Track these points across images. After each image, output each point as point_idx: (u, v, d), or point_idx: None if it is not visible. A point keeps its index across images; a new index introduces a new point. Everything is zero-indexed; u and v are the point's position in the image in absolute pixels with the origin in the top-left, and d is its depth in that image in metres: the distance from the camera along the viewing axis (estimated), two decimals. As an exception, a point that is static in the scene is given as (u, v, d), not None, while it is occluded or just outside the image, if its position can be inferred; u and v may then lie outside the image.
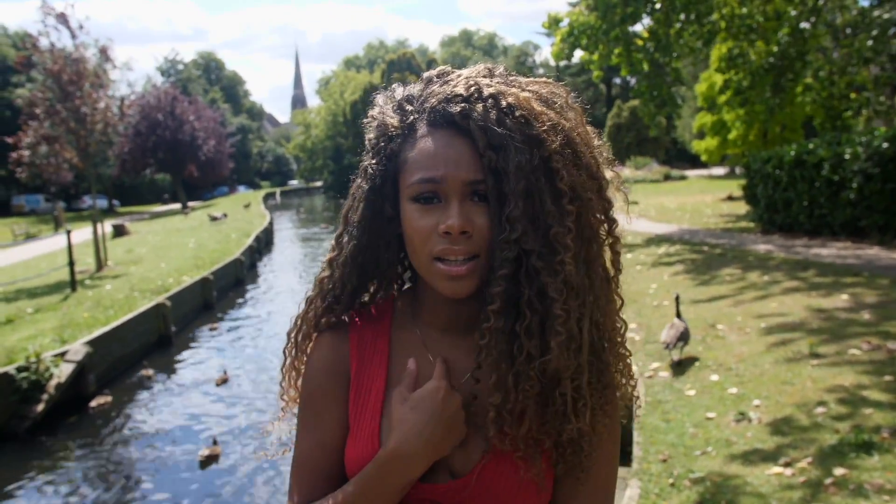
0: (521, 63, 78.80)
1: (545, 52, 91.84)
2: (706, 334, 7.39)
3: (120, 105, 17.09)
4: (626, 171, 41.96)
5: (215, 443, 7.29)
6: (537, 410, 1.05)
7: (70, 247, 13.83)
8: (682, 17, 17.42)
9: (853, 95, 17.39)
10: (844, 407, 4.99)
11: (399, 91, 1.17)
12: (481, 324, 1.04)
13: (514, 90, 1.08)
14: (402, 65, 61.99)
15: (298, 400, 1.23)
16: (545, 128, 1.04)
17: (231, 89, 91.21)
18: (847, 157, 12.29)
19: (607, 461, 1.15)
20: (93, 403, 9.04)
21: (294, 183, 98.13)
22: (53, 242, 20.40)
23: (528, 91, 1.10)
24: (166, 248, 20.99)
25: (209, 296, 15.20)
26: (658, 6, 17.00)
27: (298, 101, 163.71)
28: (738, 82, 18.20)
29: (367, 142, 1.18)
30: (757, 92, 17.45)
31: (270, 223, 31.82)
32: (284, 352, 1.25)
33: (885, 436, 4.39)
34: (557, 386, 1.04)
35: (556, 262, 1.01)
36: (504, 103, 1.05)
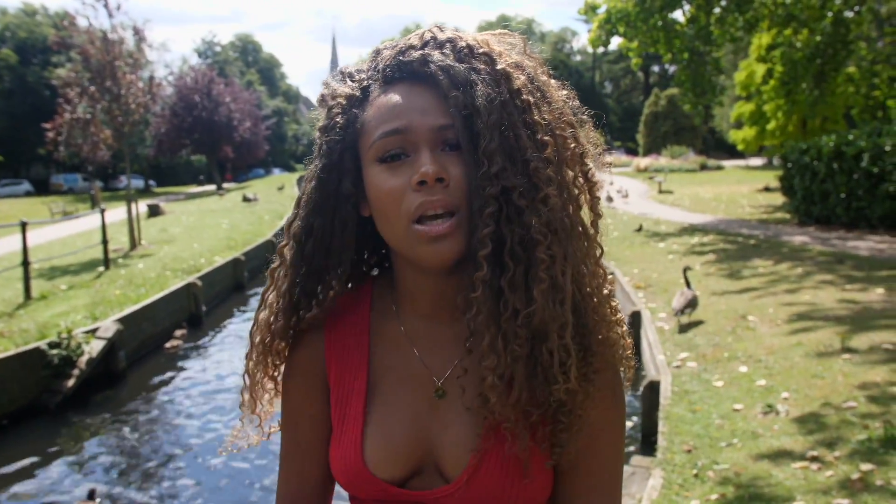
0: (559, 49, 78.05)
1: (583, 38, 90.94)
2: (736, 325, 7.27)
3: (149, 84, 17.21)
4: (663, 160, 41.51)
5: (91, 496, 5.97)
6: (526, 374, 0.94)
7: (104, 225, 14.02)
8: (723, 3, 17.13)
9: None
10: (875, 403, 4.87)
11: (349, 68, 1.09)
12: (472, 273, 0.94)
13: (469, 34, 1.02)
14: (438, 49, 61.79)
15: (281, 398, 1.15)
16: (510, 63, 0.98)
17: (268, 72, 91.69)
18: (887, 148, 12.01)
19: (609, 446, 1.05)
20: (167, 344, 10.51)
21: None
22: (89, 221, 20.68)
23: (484, 35, 1.03)
24: (200, 228, 21.21)
25: (240, 276, 15.31)
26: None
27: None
28: (782, 74, 17.90)
29: (318, 129, 1.06)
30: (799, 84, 17.14)
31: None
32: (246, 356, 1.13)
33: (917, 433, 4.28)
34: (544, 342, 0.93)
35: (538, 197, 0.93)
36: (462, 44, 0.99)
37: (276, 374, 1.13)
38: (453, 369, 1.04)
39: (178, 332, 11.14)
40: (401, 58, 1.00)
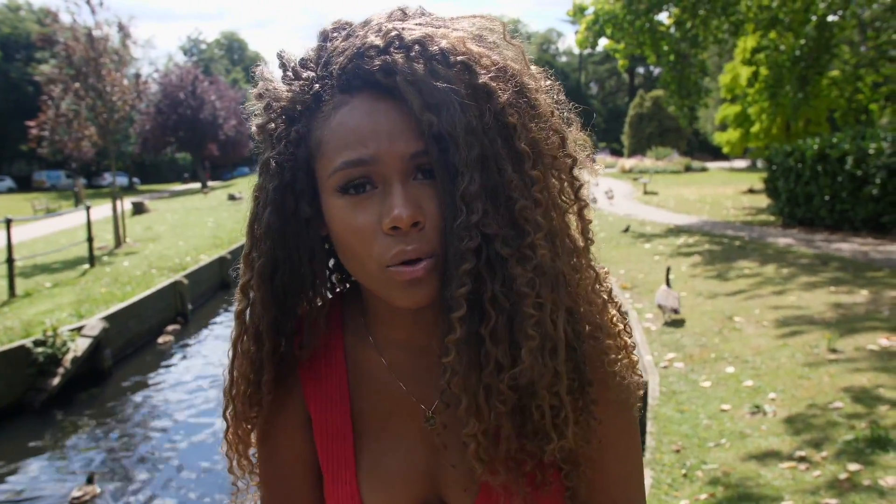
0: (545, 50, 78.31)
1: (569, 39, 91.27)
2: (723, 326, 7.33)
3: (136, 82, 17.12)
4: (647, 162, 41.72)
5: (90, 481, 6.29)
6: (513, 427, 0.84)
7: (89, 222, 13.93)
8: (708, 6, 17.25)
9: (884, 90, 17.22)
10: (861, 403, 4.93)
11: (287, 56, 0.92)
12: (442, 336, 0.83)
13: (441, 30, 0.84)
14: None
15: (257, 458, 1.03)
16: (492, 74, 0.82)
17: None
18: (871, 151, 12.14)
19: (623, 457, 0.97)
20: (160, 340, 10.72)
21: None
22: (73, 218, 20.57)
23: (459, 30, 0.86)
24: (185, 226, 21.11)
25: (226, 275, 15.25)
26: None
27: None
28: (766, 77, 18.06)
29: (254, 130, 0.90)
30: (783, 87, 17.29)
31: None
32: (225, 415, 0.99)
33: (903, 433, 4.34)
34: (532, 398, 0.83)
35: (524, 245, 0.80)
36: (435, 49, 0.81)
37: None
38: (439, 401, 0.88)
39: (171, 328, 11.18)
40: (359, 62, 0.82)
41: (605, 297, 0.93)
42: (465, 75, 0.80)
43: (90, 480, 6.19)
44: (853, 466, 4.01)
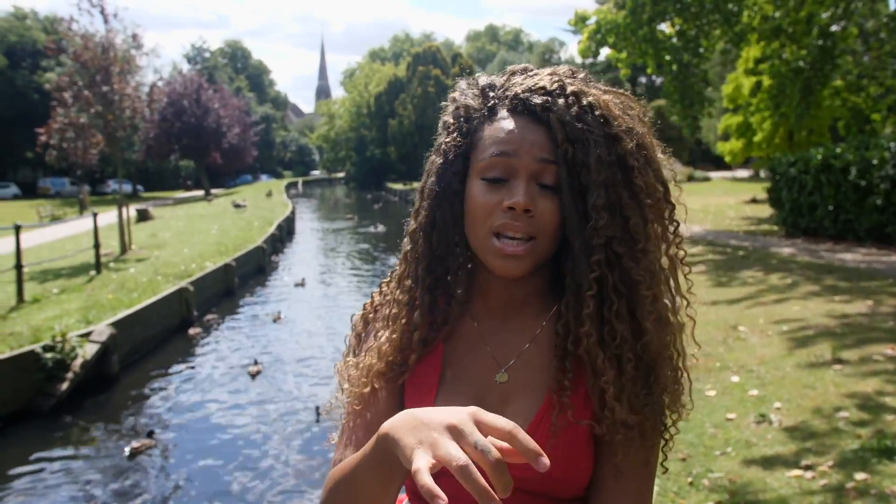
0: (547, 60, 78.40)
1: (571, 48, 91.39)
2: (727, 335, 7.36)
3: (150, 92, 17.25)
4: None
5: (150, 435, 7.35)
6: (634, 393, 1.06)
7: (96, 229, 14.01)
8: (710, 16, 17.30)
9: (887, 100, 17.23)
10: (866, 412, 4.96)
11: (483, 79, 1.20)
12: (579, 308, 1.07)
13: (594, 91, 1.12)
14: (428, 58, 61.84)
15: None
16: (622, 128, 1.08)
17: (256, 78, 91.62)
18: (875, 162, 12.17)
19: (647, 461, 1.12)
20: (191, 331, 11.70)
21: (316, 173, 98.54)
22: (78, 225, 20.65)
23: (608, 96, 1.13)
24: (190, 233, 21.17)
25: (231, 282, 15.33)
26: (688, 4, 16.88)
27: (323, 92, 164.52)
28: (770, 87, 18.07)
29: (441, 123, 1.20)
30: (786, 97, 17.31)
31: (293, 212, 31.99)
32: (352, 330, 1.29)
33: (908, 442, 4.37)
34: (655, 367, 1.08)
35: (637, 248, 1.06)
36: (585, 101, 1.08)
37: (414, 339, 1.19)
38: (516, 360, 1.16)
39: (209, 317, 12.24)
40: (529, 94, 1.10)
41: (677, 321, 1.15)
42: (602, 124, 1.07)
43: (150, 435, 7.38)
44: (859, 475, 4.04)
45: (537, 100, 1.09)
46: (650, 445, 1.10)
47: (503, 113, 1.12)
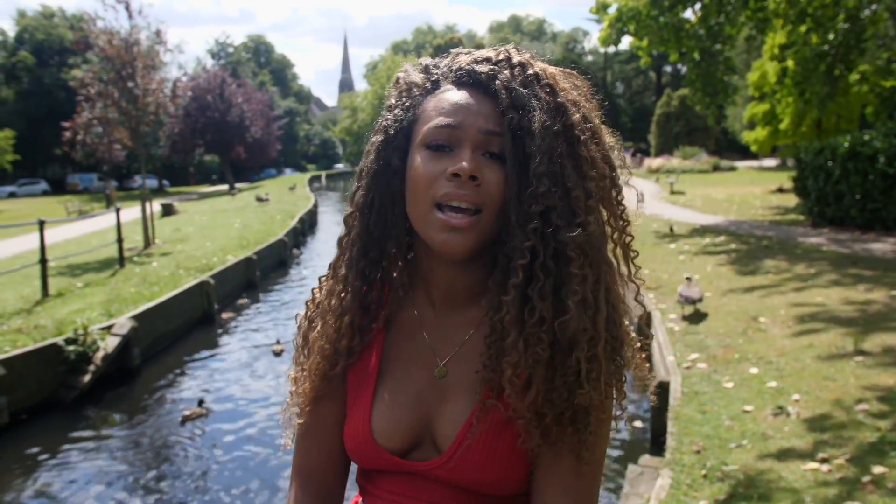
0: (570, 49, 77.85)
1: (594, 38, 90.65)
2: (748, 326, 7.27)
3: (173, 87, 17.40)
4: (675, 161, 41.35)
5: (201, 403, 7.95)
6: (546, 377, 1.00)
7: (119, 224, 14.15)
8: (735, 1, 17.05)
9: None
10: (886, 405, 4.87)
11: (427, 59, 1.19)
12: (506, 279, 1.02)
13: (541, 64, 1.10)
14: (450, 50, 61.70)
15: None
16: (569, 99, 1.06)
17: (280, 72, 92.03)
18: (903, 149, 11.94)
19: (601, 440, 1.07)
20: (223, 315, 12.31)
21: (340, 166, 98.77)
22: (104, 220, 20.84)
23: (554, 69, 1.12)
24: (212, 227, 21.33)
25: (252, 275, 15.41)
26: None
27: (346, 85, 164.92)
28: (794, 73, 17.76)
29: (385, 105, 1.19)
30: (810, 83, 17.00)
31: (315, 205, 32.12)
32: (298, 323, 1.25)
33: (928, 435, 4.28)
34: (573, 350, 1.00)
35: (575, 221, 1.00)
36: (531, 71, 1.07)
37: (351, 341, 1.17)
38: (455, 353, 1.13)
39: (240, 301, 12.76)
40: (474, 66, 1.09)
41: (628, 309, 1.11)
42: (549, 94, 1.05)
43: (201, 403, 7.86)
44: (877, 469, 3.97)
45: (483, 68, 1.07)
46: (578, 437, 1.02)
47: (447, 85, 1.10)
